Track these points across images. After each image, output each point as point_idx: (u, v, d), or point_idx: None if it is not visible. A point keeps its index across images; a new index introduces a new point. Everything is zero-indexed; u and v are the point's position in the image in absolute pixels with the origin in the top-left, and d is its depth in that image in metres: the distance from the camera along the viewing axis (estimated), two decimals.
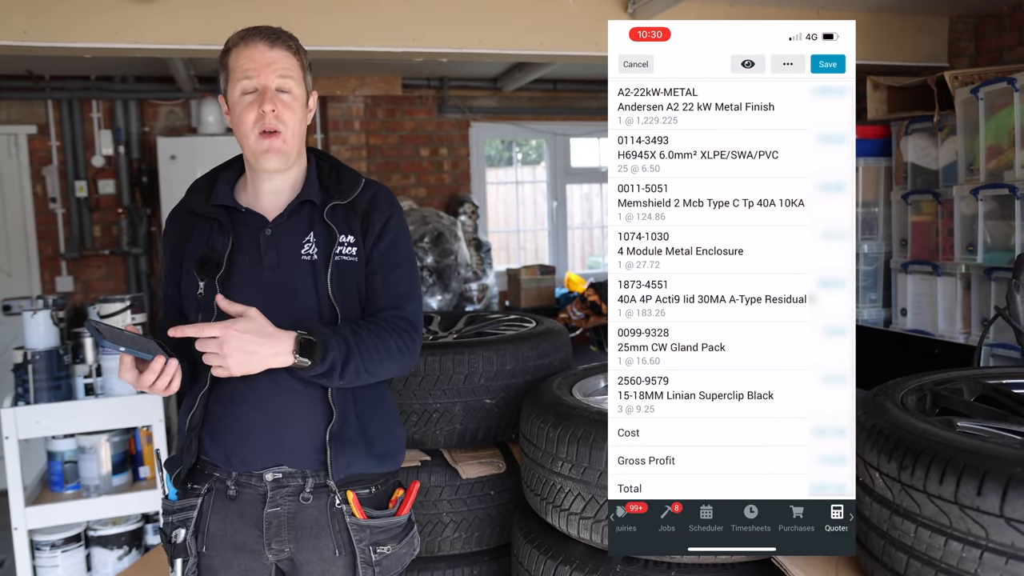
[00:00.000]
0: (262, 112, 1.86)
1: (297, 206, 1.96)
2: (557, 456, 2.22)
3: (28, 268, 6.24)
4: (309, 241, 1.94)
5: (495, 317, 3.56)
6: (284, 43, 1.90)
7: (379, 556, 1.94)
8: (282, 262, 1.93)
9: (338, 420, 1.90)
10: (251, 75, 1.86)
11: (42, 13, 3.79)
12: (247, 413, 1.90)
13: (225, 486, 1.93)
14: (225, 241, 1.93)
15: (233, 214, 1.97)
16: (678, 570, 2.06)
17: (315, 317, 1.89)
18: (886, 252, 4.54)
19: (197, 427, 1.93)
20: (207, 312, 1.89)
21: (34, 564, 3.42)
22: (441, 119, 7.11)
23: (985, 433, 1.72)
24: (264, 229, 1.95)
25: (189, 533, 1.93)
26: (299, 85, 1.92)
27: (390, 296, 1.97)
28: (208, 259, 1.93)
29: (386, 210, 2.01)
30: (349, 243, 1.94)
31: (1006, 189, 3.59)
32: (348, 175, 2.03)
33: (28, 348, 3.44)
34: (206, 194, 2.02)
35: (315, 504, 1.92)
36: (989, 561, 1.40)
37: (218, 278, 1.90)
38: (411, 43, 4.26)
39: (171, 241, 2.04)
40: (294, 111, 1.90)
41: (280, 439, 1.90)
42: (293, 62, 1.91)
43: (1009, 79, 3.60)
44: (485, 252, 6.98)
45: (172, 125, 6.47)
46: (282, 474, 1.92)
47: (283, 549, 1.93)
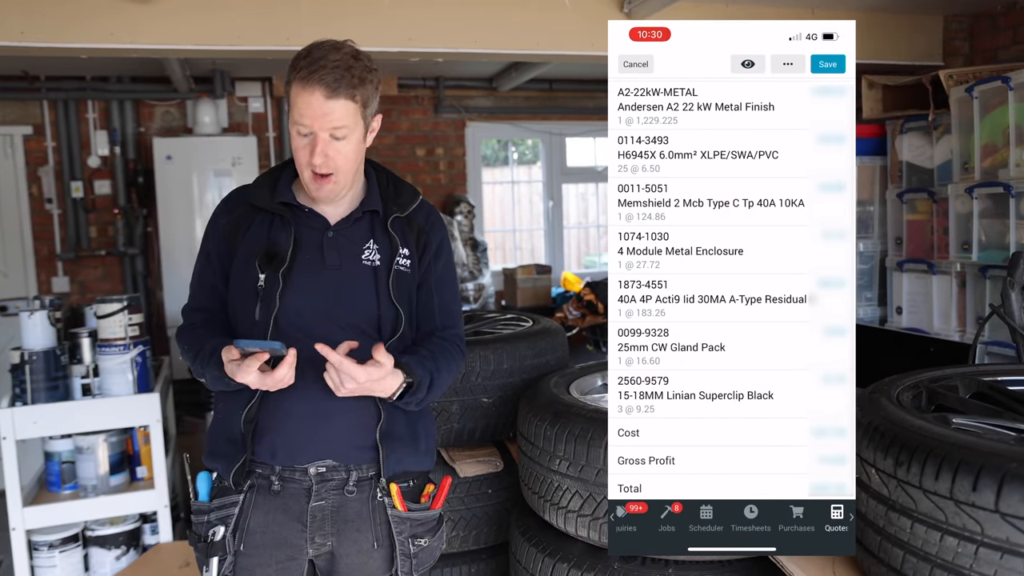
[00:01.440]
0: (312, 161, 1.89)
1: (361, 214, 2.02)
2: (555, 454, 2.22)
3: (24, 269, 6.23)
4: (370, 247, 2.00)
5: (492, 316, 3.56)
6: (344, 91, 1.86)
7: (416, 548, 1.99)
8: (344, 264, 1.98)
9: (387, 419, 1.95)
10: (305, 123, 1.87)
11: (39, 13, 3.78)
12: (294, 408, 1.93)
13: (269, 481, 1.96)
14: (288, 237, 1.97)
15: (296, 212, 2.01)
16: (675, 567, 2.06)
17: (372, 321, 1.96)
18: (881, 251, 4.54)
19: (253, 421, 1.94)
20: (267, 304, 1.92)
21: (32, 564, 3.42)
22: (437, 119, 7.11)
23: (980, 430, 1.72)
24: (327, 231, 1.99)
25: (228, 531, 1.95)
26: (356, 128, 1.92)
27: (447, 315, 2.08)
28: (274, 252, 1.95)
29: (440, 231, 2.10)
30: (405, 255, 2.01)
31: (1001, 188, 3.60)
32: (406, 189, 2.10)
33: (25, 349, 3.43)
34: (270, 189, 2.03)
35: (358, 497, 1.97)
36: (984, 556, 1.41)
37: (281, 272, 1.93)
38: (407, 43, 4.26)
39: (226, 229, 2.04)
40: (346, 155, 1.92)
41: (327, 433, 1.94)
42: (349, 110, 1.88)
43: (1004, 78, 3.61)
44: (481, 252, 6.98)
45: (168, 125, 6.46)
46: (326, 468, 1.96)
47: (325, 543, 1.96)
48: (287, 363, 1.81)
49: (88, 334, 3.61)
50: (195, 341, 1.99)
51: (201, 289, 2.08)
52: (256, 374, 1.81)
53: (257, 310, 1.93)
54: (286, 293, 1.92)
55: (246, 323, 1.95)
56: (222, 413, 2.03)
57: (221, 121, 6.31)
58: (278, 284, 1.91)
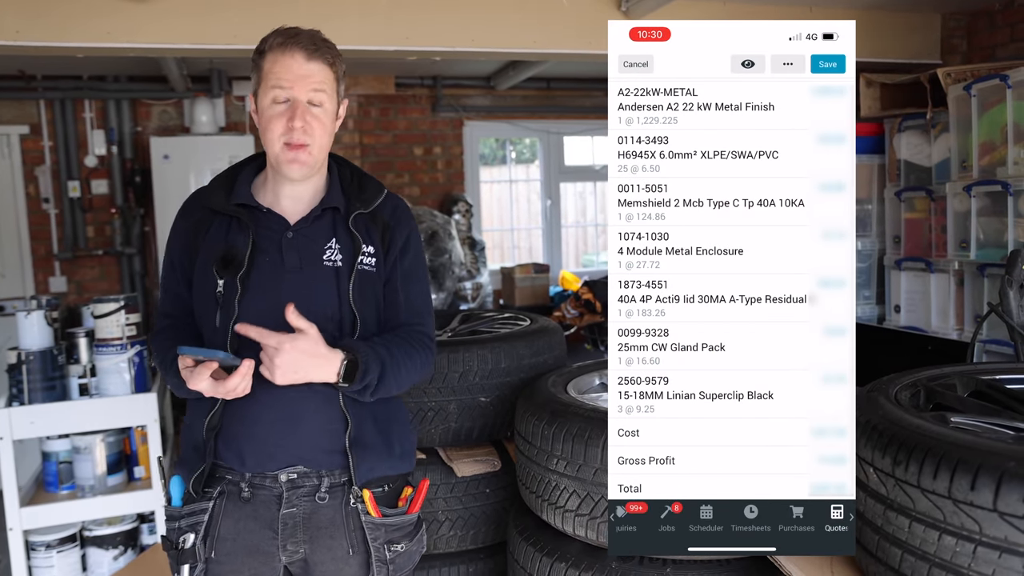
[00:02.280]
0: (291, 126, 1.86)
1: (321, 212, 1.96)
2: (552, 454, 2.22)
3: (21, 268, 6.23)
4: (332, 247, 1.95)
5: (489, 315, 3.56)
6: (322, 55, 1.89)
7: (393, 554, 1.95)
8: (304, 266, 1.92)
9: (355, 426, 1.91)
10: (284, 85, 1.85)
11: (35, 13, 3.78)
12: (262, 413, 1.89)
13: (239, 488, 1.92)
14: (246, 240, 1.92)
15: (254, 214, 1.96)
16: (673, 566, 2.06)
17: (335, 323, 1.90)
18: (879, 249, 4.55)
19: (216, 428, 1.91)
20: (226, 310, 1.88)
21: (29, 565, 3.41)
22: (435, 118, 7.12)
23: (978, 428, 1.72)
24: (286, 231, 1.94)
25: (198, 538, 1.91)
26: (331, 99, 1.91)
27: (411, 311, 2.01)
28: (231, 257, 1.91)
29: (407, 225, 2.04)
30: (370, 253, 1.96)
31: (999, 186, 3.61)
32: (371, 184, 2.05)
33: (22, 348, 3.42)
34: (226, 191, 1.99)
35: (331, 504, 1.92)
36: (983, 555, 1.41)
37: (239, 277, 1.88)
38: (404, 42, 4.26)
39: (184, 236, 2.01)
40: (323, 124, 1.90)
41: (296, 439, 1.90)
42: (328, 75, 1.90)
43: (1002, 76, 3.62)
44: (479, 251, 6.98)
45: (165, 125, 6.46)
46: (297, 474, 1.91)
47: (298, 550, 1.92)
48: (240, 373, 1.77)
49: (85, 334, 3.60)
50: (162, 348, 1.96)
51: (167, 295, 2.04)
52: (208, 381, 1.78)
53: (217, 317, 1.89)
54: (245, 299, 1.88)
55: (208, 330, 1.92)
56: (189, 419, 1.99)
57: (218, 120, 6.31)
58: (236, 290, 1.87)
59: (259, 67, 1.90)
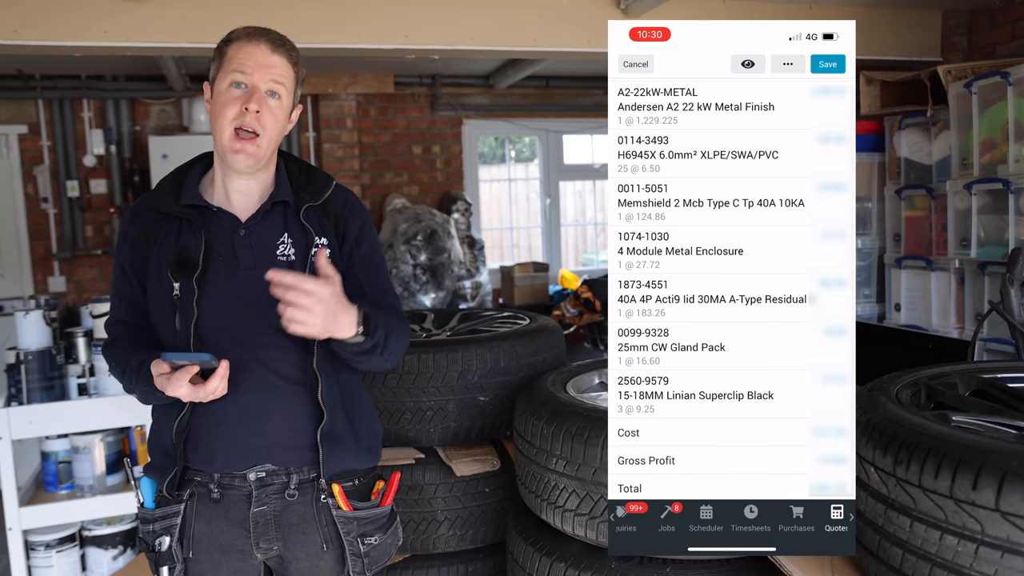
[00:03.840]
0: (245, 110, 1.85)
1: (271, 206, 1.95)
2: (551, 453, 2.21)
3: (20, 268, 6.23)
4: (284, 242, 1.94)
5: (489, 314, 3.55)
6: (286, 51, 1.90)
7: (367, 547, 1.96)
8: (258, 262, 1.90)
9: (329, 419, 1.91)
10: (245, 71, 1.85)
11: (32, 12, 3.77)
12: (227, 412, 1.88)
13: (208, 489, 1.92)
14: (198, 241, 1.90)
15: (204, 213, 1.94)
16: (673, 566, 2.05)
17: None
18: (880, 247, 4.55)
19: (185, 431, 1.90)
20: (186, 313, 1.86)
21: (29, 564, 3.41)
22: (434, 117, 7.11)
23: (980, 427, 1.71)
24: (238, 229, 1.93)
25: (174, 540, 1.92)
26: (288, 95, 1.92)
27: (380, 295, 2.01)
28: (185, 260, 1.89)
29: (359, 215, 2.04)
30: (324, 245, 1.95)
31: (1000, 184, 3.60)
32: (318, 176, 2.04)
33: (21, 348, 3.42)
34: (174, 193, 1.97)
35: (301, 500, 1.93)
36: (985, 555, 1.40)
37: (195, 278, 1.87)
38: (402, 40, 4.26)
39: (135, 240, 1.98)
40: (276, 118, 1.89)
41: (262, 437, 1.90)
42: (289, 72, 1.91)
43: (1003, 73, 3.61)
44: (478, 250, 6.98)
45: (164, 124, 6.45)
46: (265, 472, 1.91)
47: (271, 547, 1.93)
48: (219, 375, 1.76)
49: (84, 333, 3.60)
50: (120, 356, 1.93)
51: (120, 301, 2.01)
52: (188, 387, 1.76)
53: (176, 320, 1.88)
54: (203, 300, 1.87)
55: (167, 334, 1.90)
56: (157, 424, 1.98)
57: None
58: (193, 292, 1.86)
59: (222, 54, 1.90)
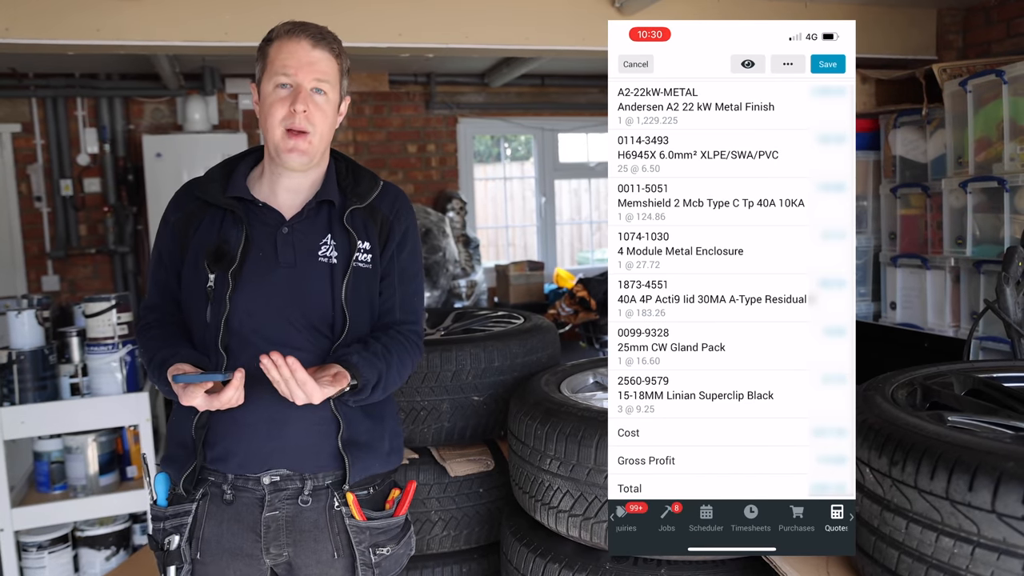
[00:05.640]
0: (293, 110, 1.84)
1: (316, 206, 1.94)
2: (545, 453, 2.21)
3: (13, 267, 6.21)
4: (327, 243, 1.92)
5: (483, 314, 3.54)
6: (328, 45, 1.89)
7: (379, 558, 1.93)
8: (298, 261, 1.90)
9: (347, 427, 1.89)
10: (289, 72, 1.85)
11: (25, 10, 3.75)
12: (247, 415, 1.86)
13: (221, 490, 1.90)
14: (239, 234, 1.89)
15: (249, 207, 1.93)
16: (668, 567, 2.05)
17: (326, 320, 1.88)
18: (875, 246, 4.55)
19: (204, 427, 1.89)
20: (217, 306, 1.85)
21: (21, 565, 3.40)
22: (429, 115, 7.10)
23: (976, 427, 1.71)
24: (281, 227, 1.92)
25: (183, 540, 1.89)
26: (335, 89, 1.91)
27: (407, 309, 2.00)
28: (223, 252, 1.88)
29: (405, 220, 2.03)
30: (366, 250, 1.93)
31: (995, 182, 3.61)
32: (366, 177, 2.02)
33: (13, 348, 3.41)
34: (221, 183, 1.97)
35: (314, 507, 1.91)
36: (981, 557, 1.39)
37: (231, 272, 1.86)
38: (396, 38, 4.25)
39: (176, 227, 1.98)
40: (325, 114, 1.89)
41: (281, 441, 1.88)
42: (333, 66, 1.90)
43: (997, 71, 3.62)
44: (473, 248, 6.97)
45: (157, 123, 6.44)
46: (280, 477, 1.89)
47: (281, 553, 1.91)
48: (234, 385, 1.74)
49: (77, 333, 3.59)
50: (149, 347, 1.92)
51: (156, 287, 2.01)
52: (203, 397, 1.75)
53: (208, 312, 1.87)
54: (236, 295, 1.85)
55: (198, 326, 1.89)
56: (176, 416, 1.97)
57: (211, 118, 6.29)
58: (228, 285, 1.85)
59: (264, 54, 1.89)
